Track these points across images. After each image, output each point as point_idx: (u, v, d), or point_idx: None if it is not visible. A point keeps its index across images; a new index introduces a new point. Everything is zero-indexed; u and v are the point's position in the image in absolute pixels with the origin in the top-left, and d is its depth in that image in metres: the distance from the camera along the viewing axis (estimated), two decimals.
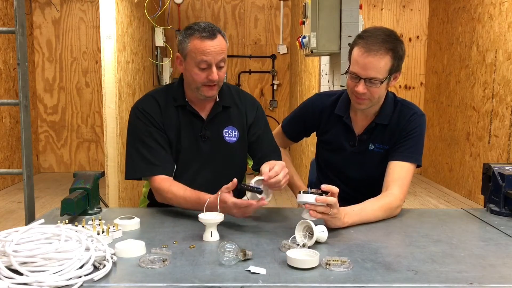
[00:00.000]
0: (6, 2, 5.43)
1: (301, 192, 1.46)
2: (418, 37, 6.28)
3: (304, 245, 1.32)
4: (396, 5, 6.26)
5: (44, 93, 6.24)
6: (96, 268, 1.18)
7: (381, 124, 1.86)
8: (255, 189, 1.50)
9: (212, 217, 1.42)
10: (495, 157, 4.47)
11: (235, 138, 1.88)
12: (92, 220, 1.46)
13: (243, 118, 1.91)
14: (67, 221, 1.39)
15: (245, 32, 6.50)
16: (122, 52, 3.81)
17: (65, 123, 6.32)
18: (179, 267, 1.22)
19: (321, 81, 3.75)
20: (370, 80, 1.70)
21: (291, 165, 2.09)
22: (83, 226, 1.37)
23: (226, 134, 1.87)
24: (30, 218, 1.70)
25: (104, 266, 1.18)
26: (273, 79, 6.56)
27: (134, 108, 1.85)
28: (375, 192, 1.74)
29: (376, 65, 1.69)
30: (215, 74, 1.72)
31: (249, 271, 1.19)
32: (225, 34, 1.76)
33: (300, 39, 3.28)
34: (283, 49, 6.43)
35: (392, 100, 1.88)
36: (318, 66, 3.90)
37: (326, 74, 3.64)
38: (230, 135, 1.88)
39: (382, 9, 6.26)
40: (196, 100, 1.84)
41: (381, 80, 1.71)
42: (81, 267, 1.13)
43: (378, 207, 1.64)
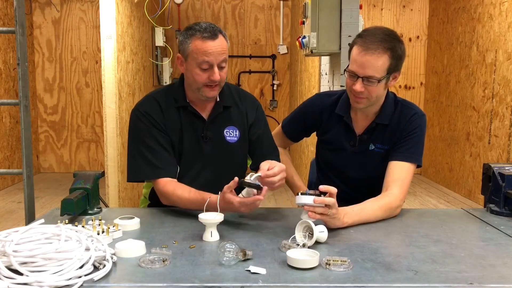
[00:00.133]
0: (6, 2, 5.43)
1: (299, 193, 1.46)
2: (418, 37, 6.28)
3: (304, 245, 1.32)
4: (396, 5, 6.26)
5: (44, 93, 6.24)
6: (96, 268, 1.18)
7: (382, 124, 1.86)
8: (255, 186, 1.51)
9: (212, 217, 1.42)
10: (495, 157, 4.47)
11: (236, 138, 1.88)
12: (92, 220, 1.46)
13: (243, 117, 1.91)
14: (67, 221, 1.39)
15: (245, 32, 6.50)
16: (122, 52, 3.81)
17: (65, 123, 6.32)
18: (179, 267, 1.22)
19: (321, 81, 3.75)
20: (367, 79, 1.70)
21: (291, 165, 2.09)
22: (83, 226, 1.37)
23: (227, 134, 1.87)
24: (30, 218, 1.70)
25: (104, 266, 1.18)
26: (273, 79, 6.56)
27: (135, 110, 1.83)
28: (375, 192, 1.74)
29: (374, 64, 1.69)
30: (216, 74, 1.72)
31: (249, 271, 1.19)
32: (226, 34, 1.76)
33: (300, 39, 3.28)
34: (283, 49, 6.43)
35: (393, 100, 1.88)
36: (318, 66, 3.90)
37: (326, 74, 3.63)
38: (231, 135, 1.88)
39: (382, 9, 6.26)
40: (197, 100, 1.83)
41: (379, 79, 1.70)
42: (81, 267, 1.13)
43: (378, 207, 1.64)
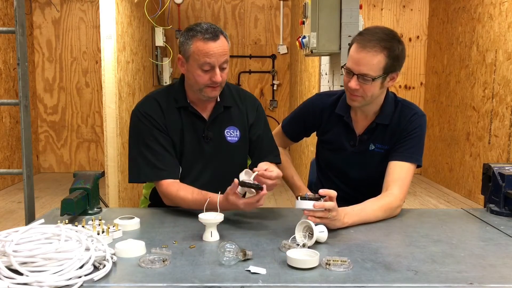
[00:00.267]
0: (6, 2, 5.43)
1: (299, 198, 1.45)
2: (418, 37, 6.27)
3: (304, 245, 1.32)
4: (396, 5, 6.26)
5: (44, 93, 6.24)
6: (96, 268, 1.18)
7: (382, 124, 1.85)
8: (256, 186, 1.51)
9: (212, 217, 1.42)
10: (495, 157, 4.47)
11: (236, 138, 1.88)
12: (92, 220, 1.46)
13: (244, 117, 1.91)
14: (67, 221, 1.39)
15: (245, 32, 6.50)
16: (122, 52, 3.81)
17: (65, 123, 6.32)
18: (179, 267, 1.22)
19: (321, 81, 3.75)
20: (362, 77, 1.70)
21: (291, 165, 2.09)
22: (83, 226, 1.37)
23: (228, 134, 1.87)
24: (30, 218, 1.70)
25: (104, 266, 1.18)
26: (273, 79, 6.56)
27: (135, 111, 1.83)
28: (375, 192, 1.74)
29: (369, 62, 1.68)
30: (218, 76, 1.71)
31: (249, 271, 1.19)
32: (227, 35, 1.75)
33: (300, 39, 3.28)
34: (283, 49, 6.43)
35: (393, 100, 1.88)
36: (318, 66, 3.90)
37: (326, 74, 3.63)
38: (232, 135, 1.88)
39: (382, 9, 6.26)
40: (198, 101, 1.83)
41: (373, 77, 1.70)
42: (81, 267, 1.13)
43: (378, 207, 1.64)
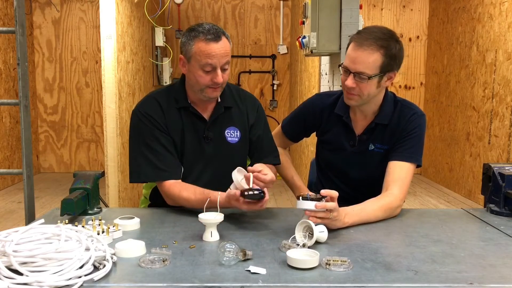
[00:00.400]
0: (6, 2, 5.43)
1: (300, 198, 1.45)
2: (418, 37, 6.27)
3: (304, 245, 1.32)
4: (396, 5, 6.26)
5: (44, 93, 6.24)
6: (96, 268, 1.18)
7: (381, 124, 1.85)
8: (258, 196, 1.51)
9: (212, 217, 1.42)
10: (495, 157, 4.47)
11: (236, 139, 1.88)
12: (92, 220, 1.46)
13: (244, 118, 1.91)
14: (67, 221, 1.39)
15: (245, 32, 6.50)
16: (122, 52, 3.81)
17: (65, 123, 6.32)
18: (179, 267, 1.22)
19: (321, 81, 3.75)
20: (358, 75, 1.70)
21: (291, 165, 2.09)
22: (83, 226, 1.37)
23: (228, 134, 1.87)
24: (30, 218, 1.70)
25: (104, 266, 1.18)
26: (273, 79, 6.56)
27: (136, 111, 1.82)
28: (375, 192, 1.74)
29: (365, 60, 1.68)
30: (220, 77, 1.71)
31: (249, 271, 1.19)
32: (228, 36, 1.74)
33: (300, 39, 3.28)
34: (283, 49, 6.43)
35: (392, 100, 1.88)
36: (318, 66, 3.90)
37: (326, 74, 3.63)
38: (232, 135, 1.87)
39: (382, 9, 6.26)
40: (198, 101, 1.83)
41: (369, 76, 1.70)
42: (81, 267, 1.13)
43: (378, 207, 1.64)
